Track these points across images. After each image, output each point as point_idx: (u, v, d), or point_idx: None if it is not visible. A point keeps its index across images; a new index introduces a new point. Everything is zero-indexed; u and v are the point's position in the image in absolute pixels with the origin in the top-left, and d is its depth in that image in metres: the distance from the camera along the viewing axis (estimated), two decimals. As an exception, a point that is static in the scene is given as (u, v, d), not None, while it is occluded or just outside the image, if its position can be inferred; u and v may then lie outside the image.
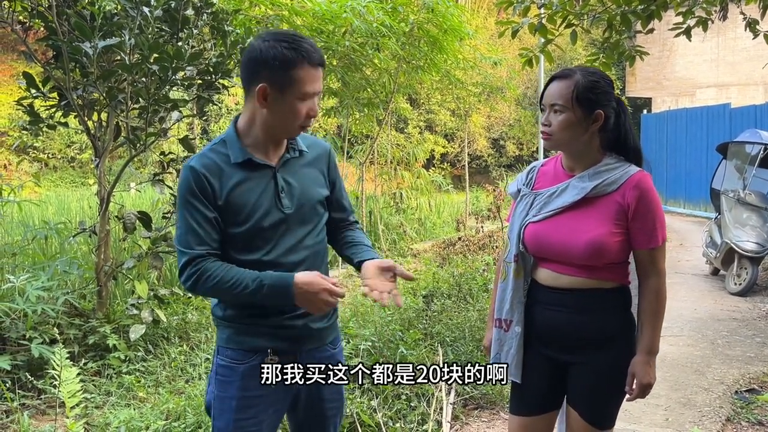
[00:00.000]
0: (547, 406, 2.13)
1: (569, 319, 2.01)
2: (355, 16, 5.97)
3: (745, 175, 8.11)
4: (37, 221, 7.78)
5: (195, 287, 1.76)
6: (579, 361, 2.04)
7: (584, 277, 1.99)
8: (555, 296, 2.04)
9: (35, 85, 4.21)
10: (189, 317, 5.10)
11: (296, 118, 1.76)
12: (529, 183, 2.15)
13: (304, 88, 1.72)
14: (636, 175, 1.97)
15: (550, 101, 2.00)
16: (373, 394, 3.61)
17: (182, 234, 1.77)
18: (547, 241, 2.02)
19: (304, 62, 1.71)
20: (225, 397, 1.83)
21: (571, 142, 1.99)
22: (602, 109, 1.97)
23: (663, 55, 21.48)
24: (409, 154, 13.33)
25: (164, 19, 4.39)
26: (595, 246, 1.93)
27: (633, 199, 1.93)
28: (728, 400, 4.14)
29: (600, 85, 1.97)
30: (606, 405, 2.06)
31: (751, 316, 6.39)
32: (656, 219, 1.96)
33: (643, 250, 1.98)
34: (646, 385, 1.98)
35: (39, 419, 3.61)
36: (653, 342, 2.00)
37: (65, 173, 19.10)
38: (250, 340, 1.83)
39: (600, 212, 1.96)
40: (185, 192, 1.76)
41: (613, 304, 2.03)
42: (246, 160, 1.78)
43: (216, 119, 18.67)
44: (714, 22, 4.88)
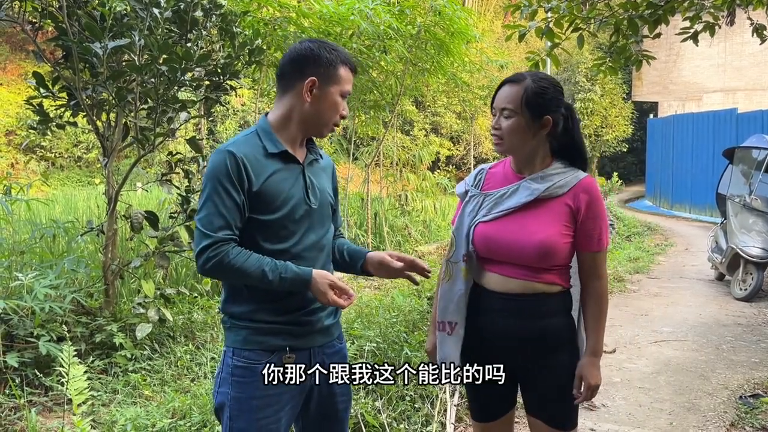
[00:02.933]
0: (503, 409, 2.16)
1: (518, 324, 2.01)
2: (362, 18, 5.99)
3: (752, 181, 8.09)
4: (44, 220, 7.82)
5: (212, 271, 1.78)
6: (531, 367, 2.05)
7: (532, 280, 2.00)
8: (501, 302, 2.03)
9: (44, 84, 4.24)
10: (195, 316, 5.12)
11: (336, 112, 1.90)
12: (478, 184, 2.15)
13: (346, 86, 1.90)
14: (585, 179, 2.01)
15: (500, 105, 2.02)
16: (378, 394, 3.62)
17: (207, 215, 1.78)
18: (497, 241, 2.02)
19: (346, 64, 1.90)
20: (244, 398, 1.84)
21: (520, 146, 2.02)
22: (551, 115, 1.99)
23: (670, 60, 21.44)
24: (414, 156, 13.33)
25: (173, 21, 4.42)
26: (546, 246, 1.95)
27: (583, 202, 1.98)
28: (732, 405, 4.14)
29: (549, 91, 2.00)
30: (566, 407, 2.07)
31: (756, 321, 6.37)
32: (603, 223, 2.01)
33: (588, 253, 2.02)
34: (595, 386, 2.01)
35: (46, 416, 3.63)
36: (598, 344, 2.03)
37: (72, 172, 19.17)
38: (267, 340, 1.85)
39: (551, 214, 1.99)
40: (219, 174, 1.78)
41: (559, 307, 2.05)
42: (282, 152, 1.87)
43: (222, 120, 18.73)
44: (721, 27, 4.88)
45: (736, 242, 7.38)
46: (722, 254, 7.85)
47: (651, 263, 9.71)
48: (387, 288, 7.12)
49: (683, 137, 17.68)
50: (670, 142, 18.54)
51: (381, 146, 10.32)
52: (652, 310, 6.74)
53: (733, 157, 8.59)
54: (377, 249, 9.63)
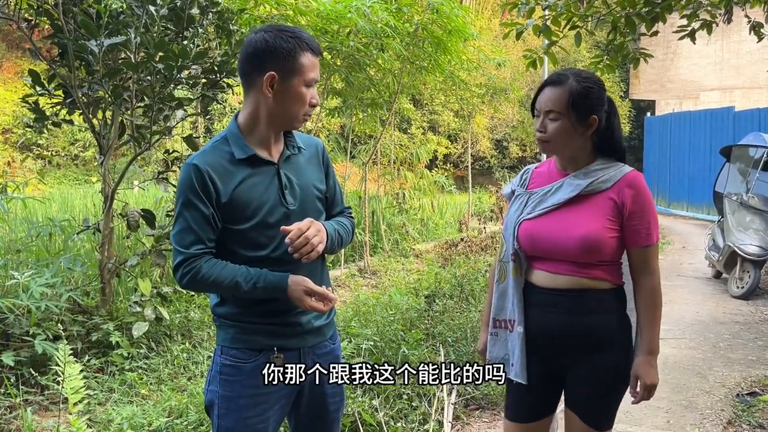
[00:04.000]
0: (542, 412, 2.12)
1: (565, 321, 2.00)
2: (359, 16, 5.98)
3: (749, 179, 8.11)
4: (41, 218, 7.80)
5: (189, 285, 1.80)
6: (576, 364, 2.03)
7: (579, 276, 1.98)
8: (550, 297, 2.03)
9: (40, 82, 4.23)
10: (191, 315, 5.12)
11: (303, 104, 1.81)
12: (524, 184, 2.16)
13: (309, 74, 1.79)
14: (630, 173, 1.99)
15: (545, 108, 2.00)
16: (375, 393, 3.62)
17: (178, 232, 1.79)
18: (540, 237, 2.02)
19: (307, 50, 1.79)
20: (232, 396, 1.83)
21: (567, 146, 2.01)
22: (596, 114, 1.98)
23: (667, 58, 21.46)
24: (412, 154, 13.33)
25: (170, 18, 4.41)
26: (590, 240, 1.93)
27: (629, 197, 1.95)
28: (729, 402, 4.14)
29: (594, 91, 1.99)
30: (605, 407, 2.05)
31: (753, 319, 6.38)
32: (651, 217, 1.97)
33: (637, 249, 1.98)
34: (651, 385, 1.97)
35: (42, 415, 3.62)
36: (653, 342, 1.99)
37: (68, 171, 19.14)
38: (255, 339, 1.84)
39: (594, 208, 1.97)
40: (186, 189, 1.77)
41: (609, 305, 2.02)
42: (250, 156, 1.80)
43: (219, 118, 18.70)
44: (718, 25, 4.87)
45: (733, 240, 7.39)
46: (719, 252, 7.86)
47: (648, 261, 9.71)
48: (384, 286, 7.12)
49: (681, 135, 17.70)
50: (667, 140, 18.55)
51: (378, 144, 10.32)
52: (649, 308, 6.74)
53: (730, 156, 8.60)
54: (375, 247, 9.63)
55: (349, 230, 2.01)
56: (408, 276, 7.74)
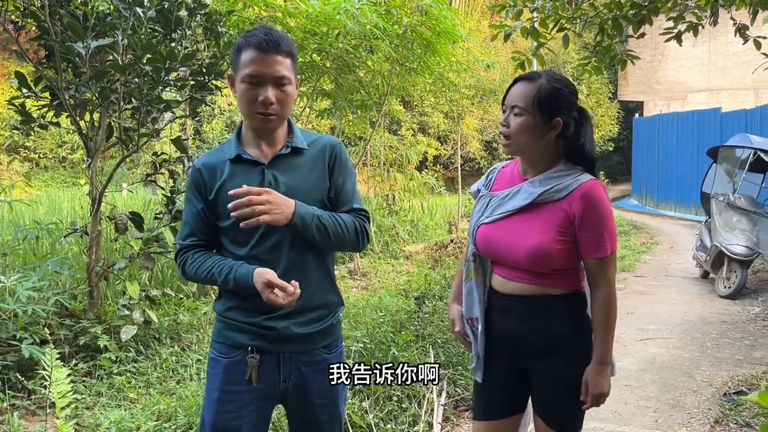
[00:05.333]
0: (509, 410, 2.13)
1: (520, 326, 2.02)
2: (348, 18, 5.97)
3: (735, 179, 8.18)
4: (28, 221, 7.74)
5: (183, 275, 1.94)
6: (536, 367, 2.04)
7: (530, 283, 1.98)
8: (506, 302, 2.05)
9: (27, 84, 4.19)
10: (180, 318, 5.09)
11: (248, 103, 1.80)
12: (488, 184, 2.16)
13: (245, 70, 1.78)
14: (586, 183, 1.93)
15: (511, 102, 1.97)
16: (365, 395, 3.61)
17: (181, 225, 1.95)
18: (494, 243, 2.03)
19: (248, 46, 1.79)
20: (210, 389, 1.90)
21: (527, 146, 1.97)
22: (562, 117, 1.94)
23: (655, 60, 21.61)
24: (402, 156, 13.33)
25: (157, 20, 4.39)
26: (537, 252, 1.92)
27: (579, 208, 1.90)
28: (717, 402, 4.17)
29: (563, 93, 1.95)
30: (568, 411, 2.03)
31: (740, 318, 6.44)
32: (604, 229, 1.92)
33: (590, 260, 1.95)
34: (598, 395, 1.96)
35: (29, 420, 3.59)
36: (604, 352, 1.96)
37: (56, 173, 19.01)
38: (234, 336, 1.88)
39: (546, 219, 1.94)
40: (188, 186, 1.93)
41: (563, 310, 2.00)
42: (236, 156, 1.86)
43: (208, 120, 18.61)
44: (705, 27, 4.91)
45: (720, 240, 7.45)
46: (707, 252, 7.92)
47: (637, 261, 9.78)
48: (374, 288, 7.11)
49: (668, 136, 17.83)
50: (655, 141, 18.69)
51: (368, 146, 10.32)
52: (637, 308, 6.79)
53: (717, 156, 8.67)
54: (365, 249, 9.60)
55: (346, 226, 1.87)
56: (398, 277, 7.74)
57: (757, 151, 7.88)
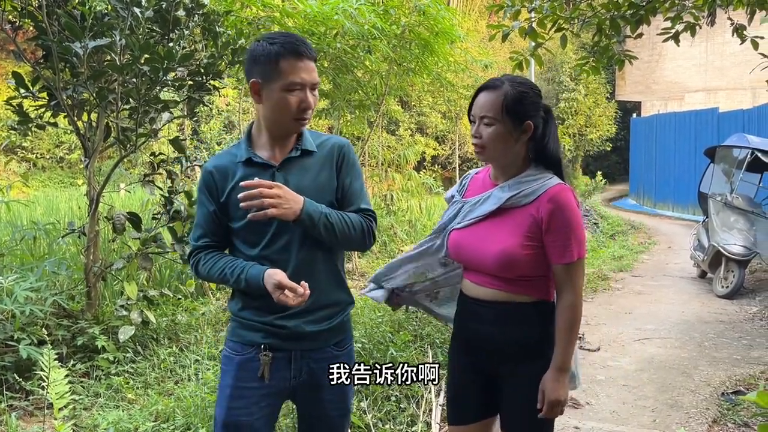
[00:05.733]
0: (480, 414, 2.10)
1: (488, 331, 2.01)
2: (346, 18, 5.97)
3: (733, 179, 8.20)
4: (25, 221, 7.73)
5: (197, 274, 1.99)
6: (503, 375, 2.02)
7: (498, 289, 1.97)
8: (475, 307, 2.05)
9: (24, 84, 4.18)
10: (178, 318, 5.08)
11: (287, 110, 1.82)
12: (462, 190, 2.17)
13: (290, 78, 1.79)
14: (554, 188, 1.92)
15: (479, 113, 1.96)
16: (363, 395, 3.61)
17: (194, 226, 1.99)
18: (464, 249, 2.03)
19: (287, 54, 1.79)
20: (223, 386, 1.94)
21: (503, 153, 1.97)
22: (531, 120, 1.94)
23: (652, 60, 21.64)
24: (400, 156, 13.34)
25: (155, 20, 4.38)
26: (504, 257, 1.91)
27: (546, 212, 1.89)
28: (715, 401, 4.18)
29: (529, 95, 1.95)
30: (534, 422, 1.97)
31: (738, 318, 6.45)
32: (571, 234, 1.89)
33: (557, 265, 1.93)
34: (554, 401, 1.91)
35: (27, 421, 3.58)
36: (564, 359, 1.92)
37: (54, 173, 18.98)
38: (247, 335, 1.93)
39: (513, 224, 1.94)
40: (199, 188, 1.96)
41: (531, 318, 1.98)
42: (247, 159, 1.89)
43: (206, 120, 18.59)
44: (702, 27, 4.93)
45: (717, 240, 7.46)
46: (704, 252, 7.93)
47: (634, 261, 9.80)
48: (372, 288, 7.10)
49: (666, 136, 17.86)
50: (653, 141, 18.72)
51: (366, 146, 10.31)
52: (635, 307, 6.80)
53: (714, 156, 8.69)
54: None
55: (353, 225, 1.90)
56: (396, 277, 7.72)
57: (754, 150, 7.89)
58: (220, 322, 5.28)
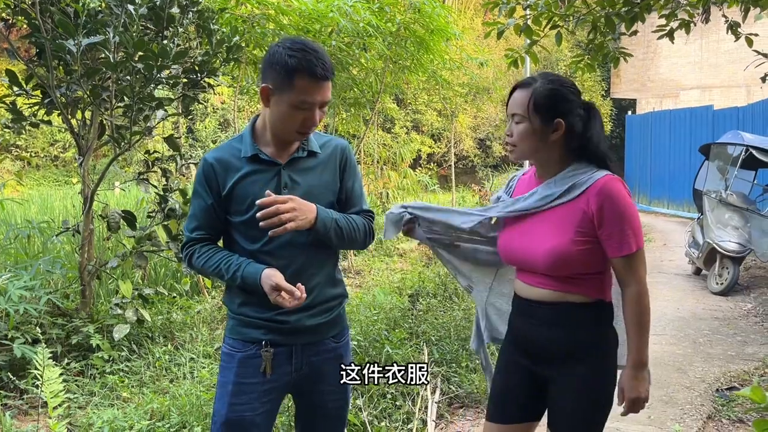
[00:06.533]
0: (525, 416, 2.06)
1: (541, 332, 1.96)
2: (341, 15, 5.96)
3: (727, 176, 8.22)
4: (19, 220, 7.70)
5: (189, 267, 1.99)
6: (553, 376, 1.97)
7: (551, 289, 1.93)
8: (526, 307, 2.01)
9: (18, 82, 4.17)
10: (174, 317, 5.07)
11: (291, 123, 1.84)
12: (510, 191, 2.16)
13: (300, 97, 1.79)
14: (602, 179, 1.86)
15: (511, 111, 1.95)
16: (359, 392, 3.61)
17: (188, 218, 1.99)
18: (515, 250, 2.01)
19: (303, 72, 1.76)
20: (224, 382, 1.94)
21: (532, 151, 1.94)
22: (563, 118, 1.89)
23: (647, 57, 21.67)
24: (395, 154, 13.34)
25: (149, 17, 4.36)
26: (556, 254, 1.86)
27: (596, 206, 1.83)
28: (709, 398, 4.19)
29: (558, 92, 1.90)
30: (582, 425, 1.94)
31: (733, 315, 6.47)
32: (626, 224, 1.83)
33: (614, 259, 1.87)
34: (634, 399, 1.89)
35: (21, 419, 3.57)
36: (639, 354, 1.87)
37: (48, 172, 18.91)
38: (247, 332, 1.93)
39: (563, 220, 1.89)
40: (196, 180, 1.94)
41: (586, 319, 1.93)
42: (253, 155, 1.89)
43: (202, 118, 18.55)
44: (696, 24, 4.93)
45: (712, 237, 7.48)
46: (699, 249, 7.96)
47: (630, 259, 9.80)
48: (368, 286, 7.11)
49: (661, 134, 17.89)
50: (648, 138, 18.74)
51: (362, 144, 10.30)
52: (630, 305, 6.80)
53: (709, 154, 8.71)
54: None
55: (358, 228, 1.99)
56: (392, 275, 7.74)
57: (749, 148, 7.91)
58: (216, 320, 5.28)
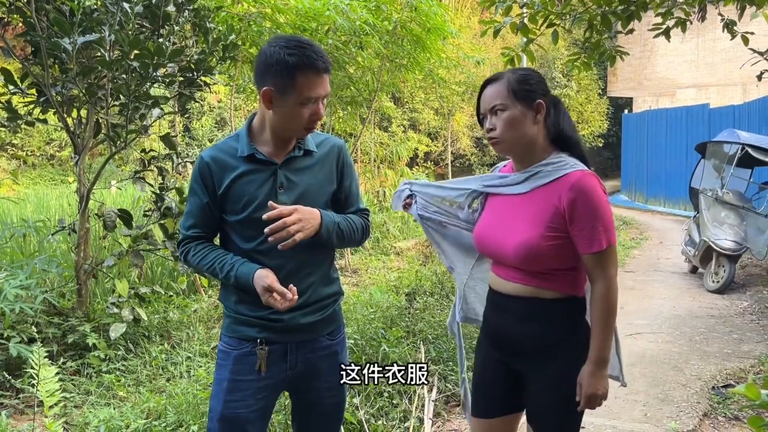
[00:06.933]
0: (506, 408, 2.07)
1: (514, 326, 1.97)
2: (338, 14, 5.95)
3: (723, 175, 8.23)
4: (15, 219, 7.68)
5: (185, 263, 2.01)
6: (527, 370, 1.98)
7: (523, 283, 1.93)
8: (500, 301, 2.02)
9: (13, 81, 4.15)
10: (170, 315, 5.07)
11: (298, 121, 1.85)
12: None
13: (304, 93, 1.80)
14: (575, 174, 1.85)
15: (489, 105, 1.94)
16: (356, 391, 3.61)
17: (184, 215, 2.00)
18: (487, 241, 2.02)
19: (305, 68, 1.78)
20: (219, 380, 1.96)
21: (519, 139, 1.92)
22: (542, 99, 1.92)
23: (644, 56, 21.70)
24: (392, 152, 13.33)
25: (145, 16, 4.35)
26: (525, 248, 1.86)
27: (568, 201, 1.82)
28: (705, 395, 4.20)
29: (532, 76, 1.94)
30: (558, 419, 1.95)
31: (729, 313, 6.49)
32: (597, 221, 1.82)
33: (587, 255, 1.86)
34: (590, 395, 1.86)
35: (17, 419, 3.56)
36: (600, 351, 1.86)
37: (44, 171, 18.86)
38: (243, 330, 1.95)
39: (535, 214, 1.89)
40: (192, 178, 1.95)
41: (558, 314, 1.92)
42: (250, 155, 1.89)
43: (198, 117, 18.52)
44: (693, 23, 4.94)
45: (708, 235, 7.50)
46: (695, 247, 7.97)
47: (626, 257, 9.83)
48: (365, 284, 7.11)
49: (657, 132, 17.92)
50: (644, 137, 18.77)
51: (359, 142, 10.30)
52: (627, 303, 6.82)
53: (705, 152, 8.72)
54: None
55: (358, 228, 2.02)
56: (389, 274, 7.74)
57: (744, 146, 7.92)
58: (212, 318, 5.27)
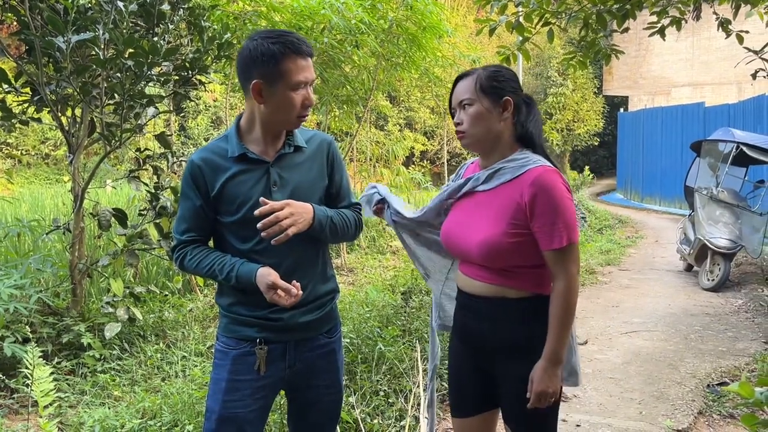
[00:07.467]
0: (480, 407, 2.07)
1: (480, 327, 1.98)
2: (333, 12, 5.95)
3: (718, 173, 8.26)
4: (10, 218, 7.65)
5: (181, 268, 1.97)
6: (498, 369, 1.98)
7: (488, 282, 1.93)
8: (467, 301, 2.03)
9: (7, 80, 4.13)
10: (166, 315, 5.05)
11: (292, 108, 1.84)
12: (458, 178, 2.17)
13: (293, 78, 1.80)
14: (536, 170, 1.85)
15: (458, 99, 1.97)
16: (352, 390, 3.61)
17: (177, 219, 1.97)
18: (452, 239, 2.02)
19: (290, 54, 1.79)
20: (217, 379, 1.95)
21: (485, 135, 1.93)
22: (510, 96, 1.92)
23: (639, 55, 21.75)
24: (388, 151, 13.32)
25: (139, 14, 4.34)
26: (488, 245, 1.86)
27: (529, 197, 1.82)
28: (700, 393, 4.22)
29: (502, 73, 1.95)
30: (531, 419, 1.93)
31: (724, 311, 6.51)
32: (558, 217, 1.80)
33: (547, 251, 1.84)
34: (540, 392, 1.84)
35: (12, 419, 3.55)
36: (555, 349, 1.84)
37: (39, 170, 18.80)
38: (241, 330, 1.94)
39: (497, 211, 1.89)
40: (184, 181, 1.93)
41: (524, 315, 1.91)
42: (241, 155, 1.88)
43: (194, 115, 18.49)
44: (688, 21, 4.95)
45: (703, 233, 7.52)
46: (690, 245, 7.99)
47: (622, 255, 9.85)
48: (361, 283, 7.11)
49: (653, 131, 17.97)
50: (640, 135, 18.83)
51: (355, 141, 10.29)
52: (622, 301, 6.84)
53: (700, 150, 8.74)
54: (351, 244, 9.61)
55: (350, 222, 2.03)
56: (384, 273, 7.74)
57: (739, 144, 7.95)
58: (208, 318, 5.26)
